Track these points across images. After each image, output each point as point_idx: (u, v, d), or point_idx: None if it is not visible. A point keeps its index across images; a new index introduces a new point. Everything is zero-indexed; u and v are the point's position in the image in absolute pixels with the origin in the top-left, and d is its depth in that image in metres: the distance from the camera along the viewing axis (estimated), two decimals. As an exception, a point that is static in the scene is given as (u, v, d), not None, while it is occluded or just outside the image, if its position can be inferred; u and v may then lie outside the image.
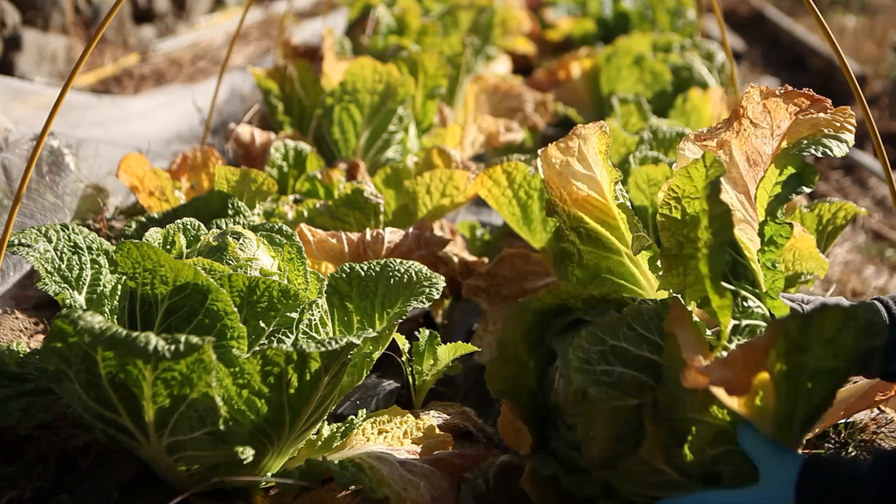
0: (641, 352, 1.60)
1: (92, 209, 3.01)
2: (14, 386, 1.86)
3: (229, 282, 1.78)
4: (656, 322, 1.63)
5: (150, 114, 4.32)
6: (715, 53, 4.64)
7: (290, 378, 1.67)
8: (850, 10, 9.56)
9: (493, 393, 1.83)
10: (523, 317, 1.80)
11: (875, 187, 5.09)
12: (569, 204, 1.91)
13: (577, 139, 1.87)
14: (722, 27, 3.35)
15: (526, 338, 1.81)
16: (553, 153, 1.88)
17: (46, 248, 1.86)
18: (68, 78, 1.89)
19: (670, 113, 4.05)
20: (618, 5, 6.23)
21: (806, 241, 2.23)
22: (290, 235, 2.08)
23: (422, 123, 3.84)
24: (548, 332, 1.82)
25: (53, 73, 5.12)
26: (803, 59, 7.79)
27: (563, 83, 4.98)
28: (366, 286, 2.10)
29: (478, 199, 3.42)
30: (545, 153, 1.89)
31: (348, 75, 3.44)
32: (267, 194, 2.72)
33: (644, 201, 2.55)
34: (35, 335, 2.47)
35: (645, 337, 1.61)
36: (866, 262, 4.05)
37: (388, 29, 4.87)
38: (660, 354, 1.59)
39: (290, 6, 4.77)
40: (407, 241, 2.57)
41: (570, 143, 1.87)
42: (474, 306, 2.83)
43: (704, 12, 6.31)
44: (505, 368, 1.82)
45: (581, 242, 1.94)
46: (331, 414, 2.18)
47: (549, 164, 1.89)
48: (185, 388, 1.59)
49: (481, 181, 2.63)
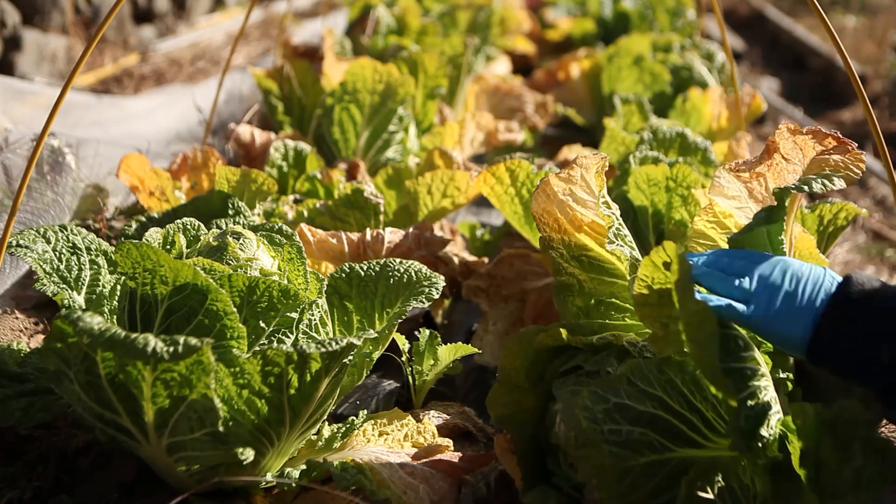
0: (645, 408, 1.60)
1: (92, 209, 3.01)
2: (14, 386, 1.86)
3: (229, 282, 1.78)
4: (657, 376, 1.62)
5: (150, 114, 4.32)
6: (715, 53, 4.64)
7: (291, 378, 1.66)
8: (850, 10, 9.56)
9: (495, 419, 1.84)
10: (525, 352, 1.81)
11: (875, 187, 5.09)
12: (569, 233, 1.92)
13: (578, 168, 1.89)
14: (722, 27, 3.35)
15: (528, 373, 1.83)
16: (555, 183, 1.89)
17: (45, 249, 1.86)
18: (68, 78, 1.88)
19: (670, 113, 4.05)
20: (618, 5, 6.23)
21: (806, 242, 2.23)
22: (290, 235, 2.08)
23: (422, 123, 3.84)
24: (548, 370, 1.83)
25: (53, 73, 5.12)
26: (803, 59, 7.79)
27: (562, 84, 4.98)
28: (366, 286, 2.10)
29: (478, 200, 3.42)
30: (546, 185, 1.89)
31: (348, 75, 3.44)
32: (267, 194, 2.72)
33: (644, 201, 2.55)
34: (35, 335, 2.47)
35: (647, 392, 1.61)
36: (866, 262, 4.05)
37: (388, 29, 4.87)
38: (665, 409, 1.59)
39: (290, 6, 4.77)
40: (407, 241, 2.57)
41: (572, 172, 1.89)
42: (474, 306, 2.83)
43: (704, 12, 6.31)
44: (507, 395, 1.83)
45: (583, 271, 1.94)
46: (331, 414, 2.18)
47: (548, 195, 1.89)
48: (184, 388, 1.59)
49: (484, 179, 2.63)
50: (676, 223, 2.46)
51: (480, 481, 1.82)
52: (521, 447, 1.83)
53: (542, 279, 2.67)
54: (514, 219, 2.69)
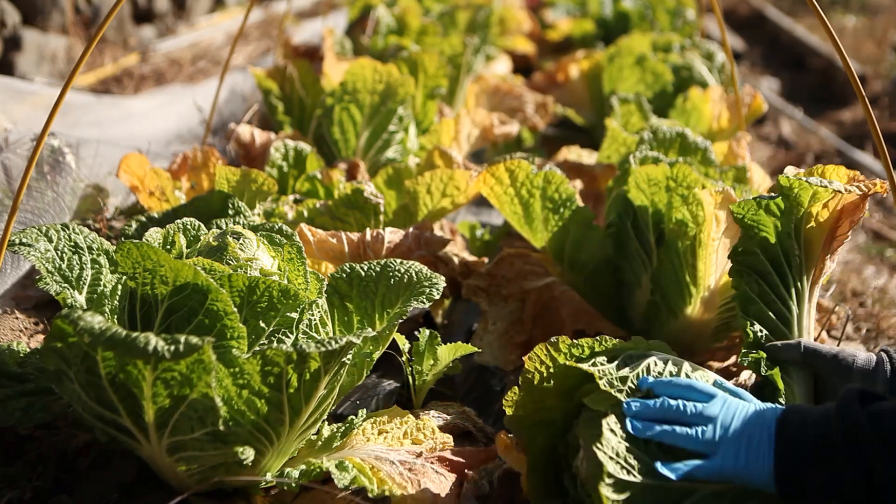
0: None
1: (92, 209, 3.01)
2: (14, 386, 1.86)
3: (229, 282, 1.78)
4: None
5: (150, 114, 4.32)
6: (715, 53, 4.64)
7: (290, 378, 1.66)
8: (850, 10, 9.56)
9: (510, 421, 1.78)
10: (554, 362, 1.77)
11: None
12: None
13: None
14: (722, 27, 3.35)
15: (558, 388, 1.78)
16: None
17: (47, 248, 1.86)
18: (68, 78, 1.88)
19: (670, 112, 4.05)
20: (618, 5, 6.23)
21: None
22: (290, 235, 2.08)
23: (422, 123, 3.84)
24: (578, 391, 1.77)
25: (53, 73, 5.12)
26: (803, 59, 7.79)
27: (562, 84, 4.98)
28: (366, 286, 2.10)
29: (478, 200, 3.42)
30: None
31: (348, 75, 3.44)
32: (267, 194, 2.72)
33: (644, 201, 2.55)
34: (35, 335, 2.47)
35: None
36: (866, 262, 4.05)
37: (388, 29, 4.87)
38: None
39: (290, 6, 4.77)
40: (407, 241, 2.57)
41: None
42: (474, 306, 2.83)
43: (704, 12, 6.31)
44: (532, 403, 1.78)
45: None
46: (331, 414, 2.18)
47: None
48: (184, 388, 1.58)
49: (483, 179, 2.63)
50: (678, 222, 2.46)
51: (484, 478, 1.82)
52: (535, 454, 1.78)
53: (542, 279, 2.67)
54: (514, 219, 2.69)
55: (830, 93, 6.96)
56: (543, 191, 2.62)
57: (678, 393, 1.67)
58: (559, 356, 1.78)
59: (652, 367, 1.74)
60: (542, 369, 1.77)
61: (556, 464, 1.80)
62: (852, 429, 1.50)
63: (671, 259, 2.46)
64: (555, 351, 1.78)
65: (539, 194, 2.63)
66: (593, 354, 1.79)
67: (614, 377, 1.70)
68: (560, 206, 2.63)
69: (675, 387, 1.68)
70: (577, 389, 1.76)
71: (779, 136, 5.88)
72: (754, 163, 3.24)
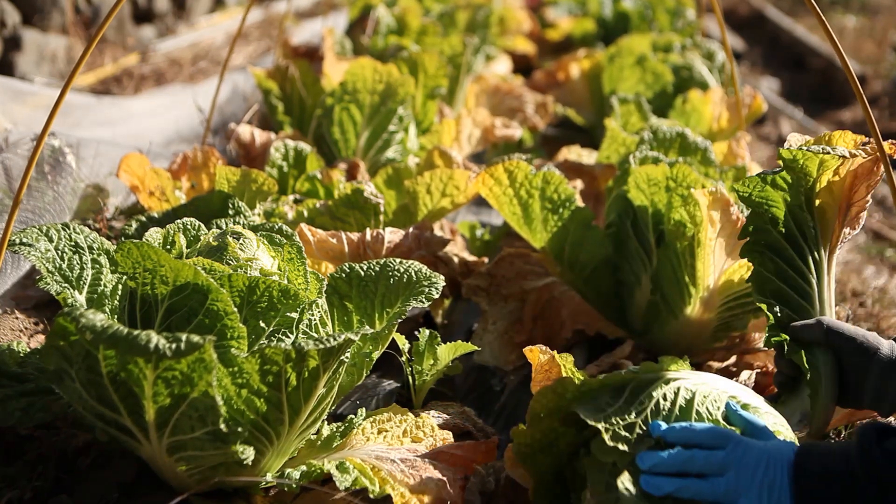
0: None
1: (92, 209, 3.01)
2: (14, 386, 1.86)
3: (229, 282, 1.78)
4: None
5: (150, 114, 4.32)
6: (715, 53, 4.64)
7: (289, 376, 1.67)
8: (850, 10, 9.56)
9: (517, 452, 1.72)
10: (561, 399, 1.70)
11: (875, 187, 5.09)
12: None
13: None
14: (722, 27, 3.35)
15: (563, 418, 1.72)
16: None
17: (48, 248, 1.86)
18: (68, 78, 1.88)
19: (670, 113, 4.05)
20: (618, 5, 6.23)
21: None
22: (290, 235, 2.08)
23: (422, 123, 3.84)
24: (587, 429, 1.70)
25: (53, 74, 5.12)
26: (803, 59, 7.79)
27: (562, 84, 4.98)
28: (365, 286, 2.10)
29: (478, 200, 3.42)
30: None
31: (348, 75, 3.45)
32: (267, 194, 2.72)
33: (644, 201, 2.55)
34: (35, 335, 2.47)
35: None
36: (866, 262, 4.05)
37: (388, 29, 4.87)
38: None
39: (290, 6, 4.77)
40: (407, 241, 2.57)
41: None
42: (474, 306, 2.83)
43: (704, 12, 6.31)
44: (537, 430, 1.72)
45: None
46: (331, 414, 2.18)
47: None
48: (185, 387, 1.59)
49: (482, 179, 2.63)
50: (676, 223, 2.47)
51: (491, 475, 1.81)
52: (540, 476, 1.74)
53: (542, 279, 2.67)
54: (513, 219, 2.69)
55: (830, 93, 6.96)
56: (542, 191, 2.62)
57: (690, 438, 1.61)
58: (567, 393, 1.68)
59: (661, 403, 1.65)
60: (550, 405, 1.69)
61: (563, 484, 1.75)
62: (873, 471, 1.50)
63: (670, 259, 2.47)
64: (562, 389, 1.68)
65: (538, 195, 2.63)
66: (602, 388, 1.69)
67: (620, 427, 1.61)
68: (559, 207, 2.63)
69: (687, 433, 1.62)
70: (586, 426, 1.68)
71: (779, 136, 5.88)
72: (754, 163, 3.24)
